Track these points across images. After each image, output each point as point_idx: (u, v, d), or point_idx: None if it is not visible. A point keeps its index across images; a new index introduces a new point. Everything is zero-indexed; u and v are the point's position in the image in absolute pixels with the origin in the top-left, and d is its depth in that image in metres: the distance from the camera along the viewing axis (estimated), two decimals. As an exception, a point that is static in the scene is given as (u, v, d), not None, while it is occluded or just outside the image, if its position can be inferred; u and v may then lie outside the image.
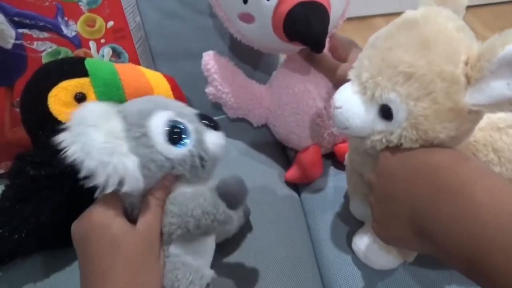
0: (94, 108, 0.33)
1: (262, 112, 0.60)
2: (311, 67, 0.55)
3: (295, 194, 0.60)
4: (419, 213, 0.30)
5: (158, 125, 0.34)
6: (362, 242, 0.46)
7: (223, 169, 0.39)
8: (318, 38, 0.42)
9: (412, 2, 0.36)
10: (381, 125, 0.33)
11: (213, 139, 0.37)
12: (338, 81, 0.54)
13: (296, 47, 0.51)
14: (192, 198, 0.35)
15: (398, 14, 0.34)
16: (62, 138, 0.30)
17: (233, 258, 0.46)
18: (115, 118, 0.33)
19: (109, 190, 0.30)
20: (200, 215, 0.34)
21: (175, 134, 0.34)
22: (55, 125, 0.42)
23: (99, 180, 0.29)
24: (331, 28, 0.50)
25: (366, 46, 0.35)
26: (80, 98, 0.44)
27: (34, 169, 0.38)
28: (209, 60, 0.56)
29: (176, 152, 0.34)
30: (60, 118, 0.43)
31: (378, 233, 0.35)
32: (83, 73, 0.45)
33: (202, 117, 0.37)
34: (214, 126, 0.38)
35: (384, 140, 0.34)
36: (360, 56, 0.35)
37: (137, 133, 0.33)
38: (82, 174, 0.29)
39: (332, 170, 0.62)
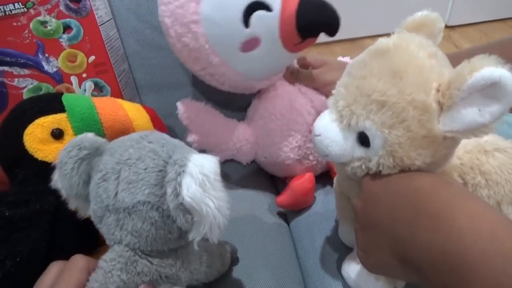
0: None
1: (250, 148, 0.59)
2: (289, 89, 0.57)
3: (283, 223, 0.59)
4: (400, 239, 0.29)
5: None
6: (351, 268, 0.45)
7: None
8: (334, 19, 0.44)
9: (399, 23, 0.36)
10: (360, 151, 0.33)
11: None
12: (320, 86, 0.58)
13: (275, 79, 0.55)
14: None
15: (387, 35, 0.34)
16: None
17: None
18: None
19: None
20: None
21: None
22: (31, 163, 0.42)
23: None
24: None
25: (343, 73, 0.36)
26: (57, 134, 0.43)
27: (10, 209, 0.37)
28: (184, 109, 0.55)
29: None
30: (36, 155, 0.42)
31: (363, 261, 0.34)
32: (60, 109, 0.44)
33: None
34: None
35: (363, 167, 0.33)
36: (338, 83, 0.35)
37: None
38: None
39: (322, 193, 0.61)
